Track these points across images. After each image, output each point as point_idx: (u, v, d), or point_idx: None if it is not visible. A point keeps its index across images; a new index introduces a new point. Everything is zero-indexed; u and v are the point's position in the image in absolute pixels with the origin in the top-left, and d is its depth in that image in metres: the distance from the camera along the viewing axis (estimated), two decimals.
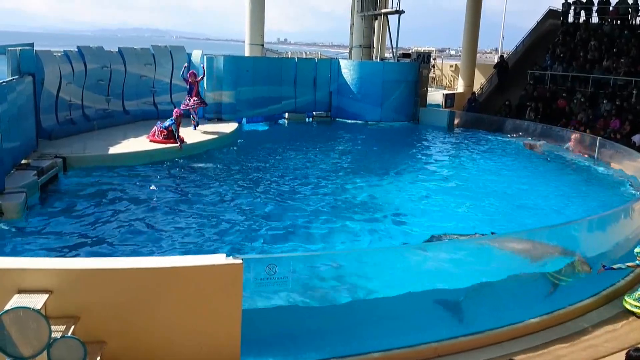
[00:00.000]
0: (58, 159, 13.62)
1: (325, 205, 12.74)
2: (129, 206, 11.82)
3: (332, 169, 16.47)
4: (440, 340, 6.85)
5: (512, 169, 18.01)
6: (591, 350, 7.00)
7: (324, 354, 6.39)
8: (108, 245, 9.75)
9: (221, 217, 11.51)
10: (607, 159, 18.27)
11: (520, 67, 29.42)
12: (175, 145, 16.03)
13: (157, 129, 16.34)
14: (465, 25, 30.44)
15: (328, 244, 10.55)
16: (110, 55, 19.13)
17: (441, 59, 43.56)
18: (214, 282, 5.67)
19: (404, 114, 25.48)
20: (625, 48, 26.58)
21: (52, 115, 16.36)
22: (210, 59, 21.28)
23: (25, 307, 4.55)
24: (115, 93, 19.21)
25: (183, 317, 5.64)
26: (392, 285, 7.15)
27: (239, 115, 21.89)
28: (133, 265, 5.59)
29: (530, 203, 13.91)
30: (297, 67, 24.33)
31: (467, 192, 14.48)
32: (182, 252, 9.62)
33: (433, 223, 11.85)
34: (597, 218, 9.02)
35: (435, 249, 8.16)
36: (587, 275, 8.27)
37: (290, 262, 6.28)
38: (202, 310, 5.68)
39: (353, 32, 28.83)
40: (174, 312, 5.61)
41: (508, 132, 23.24)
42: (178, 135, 16.16)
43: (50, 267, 5.34)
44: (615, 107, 22.90)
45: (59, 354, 4.52)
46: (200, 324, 5.70)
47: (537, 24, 32.18)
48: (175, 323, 5.64)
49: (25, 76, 14.02)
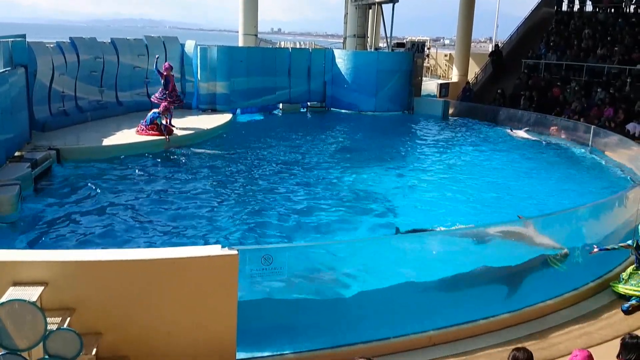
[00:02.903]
0: (52, 150, 13.56)
1: (318, 196, 12.74)
2: (123, 198, 11.79)
3: (325, 159, 16.46)
4: (435, 329, 6.88)
5: (506, 157, 18.03)
6: (586, 338, 7.05)
7: (319, 344, 6.42)
8: (102, 237, 9.73)
9: (215, 209, 11.50)
10: (601, 147, 18.34)
11: (514, 56, 29.40)
12: (171, 137, 15.95)
13: (142, 126, 15.98)
14: (459, 15, 30.34)
15: (322, 234, 10.55)
16: (103, 46, 19.00)
17: (435, 49, 43.51)
18: (209, 273, 5.67)
19: (398, 103, 25.46)
20: (619, 36, 26.59)
21: (45, 106, 16.27)
22: (203, 49, 21.18)
23: (20, 300, 4.54)
24: (108, 84, 19.11)
25: (179, 308, 5.64)
26: (386, 275, 7.18)
27: (233, 106, 21.82)
28: (128, 256, 5.58)
29: (523, 191, 14.00)
30: (291, 58, 24.27)
31: (460, 182, 14.52)
32: (177, 243, 9.60)
33: (424, 213, 11.92)
34: (592, 206, 9.05)
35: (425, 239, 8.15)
36: (582, 262, 8.34)
37: (286, 253, 6.28)
38: (198, 301, 5.68)
39: (347, 22, 28.71)
40: (170, 303, 5.61)
41: (502, 121, 23.29)
42: (165, 127, 15.90)
43: (45, 259, 5.33)
44: (609, 95, 22.94)
45: (55, 346, 4.52)
46: (197, 314, 5.70)
47: (531, 12, 32.14)
48: (172, 314, 5.64)
49: (17, 68, 13.92)
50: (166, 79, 17.44)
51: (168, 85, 17.47)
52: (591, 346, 6.62)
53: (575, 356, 4.80)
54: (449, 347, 6.75)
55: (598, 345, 6.77)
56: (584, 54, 26.46)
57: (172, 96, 17.49)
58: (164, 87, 17.47)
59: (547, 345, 6.84)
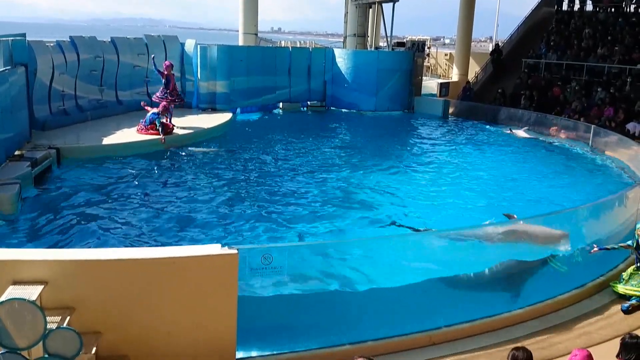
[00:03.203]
0: (52, 149, 13.56)
1: (317, 195, 12.74)
2: (123, 197, 11.79)
3: (325, 158, 16.45)
4: (435, 328, 6.88)
5: (505, 157, 18.05)
6: (585, 338, 7.04)
7: (318, 343, 6.41)
8: (102, 236, 9.72)
9: (215, 208, 11.49)
10: (601, 147, 18.34)
11: (514, 56, 29.38)
12: (170, 136, 15.94)
13: (142, 125, 16.01)
14: (459, 14, 30.32)
15: (321, 233, 10.55)
16: (103, 45, 18.98)
17: (436, 48, 43.47)
18: (209, 272, 5.66)
19: (398, 103, 25.45)
20: (619, 36, 26.57)
21: (45, 105, 16.27)
22: (203, 48, 21.17)
23: (20, 299, 4.54)
24: (108, 83, 19.10)
25: (179, 307, 5.63)
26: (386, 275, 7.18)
27: (233, 105, 21.81)
28: (128, 256, 5.57)
29: (523, 190, 13.97)
30: (292, 57, 24.27)
31: (460, 180, 14.52)
32: (177, 242, 9.61)
33: (425, 212, 11.92)
34: (592, 206, 9.05)
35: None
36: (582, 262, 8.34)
37: (286, 252, 6.28)
38: (198, 301, 5.67)
39: (347, 21, 28.71)
40: (170, 302, 5.60)
41: (503, 120, 23.28)
42: (163, 128, 15.82)
43: (45, 258, 5.32)
44: (609, 95, 22.93)
45: (55, 345, 4.51)
46: (196, 314, 5.69)
47: (531, 12, 32.12)
48: (171, 313, 5.63)
49: (17, 67, 13.92)
50: (167, 78, 17.32)
51: (169, 85, 17.36)
52: (591, 346, 6.61)
53: (575, 356, 4.79)
54: (449, 347, 6.74)
55: (598, 345, 6.76)
56: (584, 53, 26.44)
57: (173, 95, 17.39)
58: (165, 86, 17.35)
59: (547, 345, 6.83)
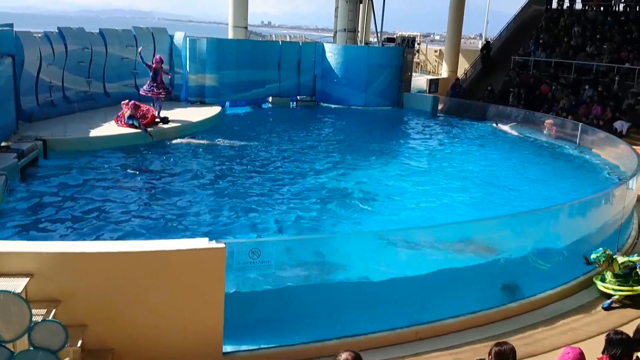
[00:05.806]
0: (38, 141, 13.42)
1: (305, 190, 12.73)
2: (110, 190, 11.72)
3: (314, 153, 16.43)
4: (421, 323, 6.91)
5: (493, 154, 18.12)
6: (571, 334, 7.10)
7: (305, 337, 6.42)
8: (89, 229, 9.67)
9: (202, 201, 11.46)
10: (589, 145, 18.45)
11: (504, 53, 29.50)
12: (158, 129, 15.89)
13: (121, 120, 15.75)
14: (449, 11, 30.40)
15: (309, 228, 10.55)
16: (91, 36, 18.80)
17: (425, 44, 43.53)
18: (196, 266, 5.65)
19: (388, 98, 25.47)
20: (608, 34, 26.75)
21: (32, 97, 16.09)
22: (192, 41, 21.04)
23: (5, 291, 4.50)
24: (96, 75, 18.92)
25: (166, 301, 5.62)
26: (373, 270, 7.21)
27: (222, 99, 21.71)
28: (114, 249, 5.55)
29: (508, 187, 14.04)
30: (281, 51, 24.17)
31: (447, 177, 14.56)
32: (164, 235, 9.56)
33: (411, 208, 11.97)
34: (578, 203, 9.11)
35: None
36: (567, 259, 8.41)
37: (273, 246, 6.28)
38: (185, 294, 5.66)
39: (337, 16, 28.63)
40: (157, 296, 5.59)
41: (491, 117, 23.36)
42: (140, 125, 15.61)
43: (31, 250, 5.29)
44: (597, 93, 23.08)
45: (40, 337, 4.48)
46: (184, 307, 5.68)
47: (521, 9, 32.26)
48: (158, 307, 5.62)
49: (4, 57, 13.77)
50: (155, 71, 17.23)
51: (156, 78, 17.26)
52: (576, 342, 6.68)
53: (567, 354, 4.76)
54: (435, 342, 6.78)
55: (583, 341, 6.81)
56: (573, 51, 26.60)
57: (160, 88, 17.30)
58: (152, 79, 17.26)
59: (532, 341, 6.89)
